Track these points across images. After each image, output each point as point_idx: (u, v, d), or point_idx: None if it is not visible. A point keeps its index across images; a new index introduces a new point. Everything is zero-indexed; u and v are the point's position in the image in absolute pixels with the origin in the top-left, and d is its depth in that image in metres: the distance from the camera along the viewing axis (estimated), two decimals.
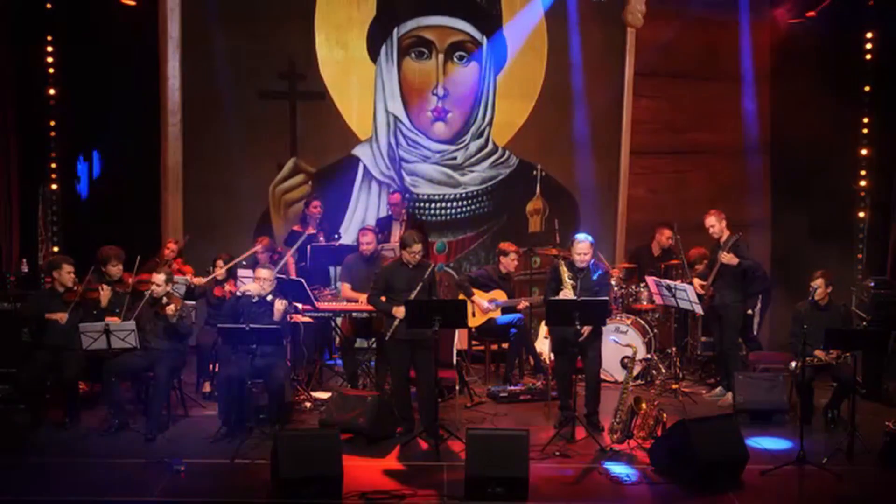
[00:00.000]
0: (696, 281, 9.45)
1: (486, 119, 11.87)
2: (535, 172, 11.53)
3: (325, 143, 11.58)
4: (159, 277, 8.65)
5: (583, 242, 8.56)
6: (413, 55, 11.76)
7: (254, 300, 8.61)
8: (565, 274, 8.50)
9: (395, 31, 11.71)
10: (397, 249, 10.26)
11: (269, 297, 8.59)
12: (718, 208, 9.48)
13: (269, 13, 11.33)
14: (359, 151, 11.70)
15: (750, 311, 9.91)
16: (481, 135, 11.88)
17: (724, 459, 7.45)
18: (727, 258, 9.13)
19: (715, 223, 9.34)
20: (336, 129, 11.56)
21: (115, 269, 9.10)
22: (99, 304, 8.72)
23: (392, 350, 8.46)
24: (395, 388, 8.56)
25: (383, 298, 8.44)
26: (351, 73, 11.65)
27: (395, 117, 11.64)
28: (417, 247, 8.37)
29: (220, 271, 9.58)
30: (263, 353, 8.30)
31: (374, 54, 11.70)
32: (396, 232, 10.76)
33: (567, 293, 8.43)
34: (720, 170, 11.74)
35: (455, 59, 11.79)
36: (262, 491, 7.24)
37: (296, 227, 10.86)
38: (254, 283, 8.71)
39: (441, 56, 11.75)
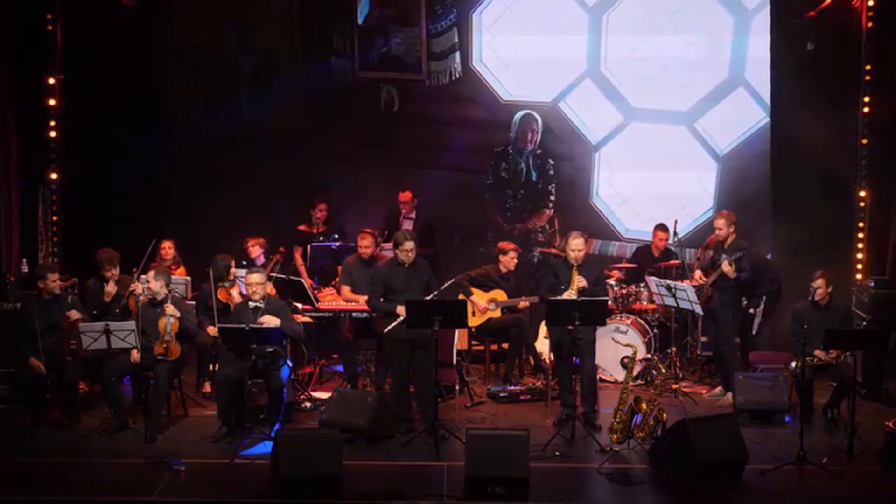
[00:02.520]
0: (697, 272, 9.46)
1: None
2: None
3: None
4: (150, 275, 8.64)
5: (578, 238, 8.60)
6: None
7: (250, 306, 8.58)
8: (575, 275, 8.50)
9: None
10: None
11: (261, 304, 8.55)
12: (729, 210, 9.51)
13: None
14: None
15: (752, 311, 9.91)
16: None
17: (724, 459, 7.45)
18: (727, 270, 9.14)
19: (723, 226, 9.37)
20: None
21: (111, 274, 9.09)
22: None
23: (392, 350, 8.46)
24: (395, 388, 8.56)
25: (382, 300, 8.44)
26: None
27: None
28: (409, 244, 8.35)
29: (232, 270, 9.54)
30: (260, 352, 8.29)
31: None
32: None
33: (571, 294, 8.43)
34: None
35: None
36: (262, 491, 7.24)
37: (302, 227, 10.87)
38: (247, 288, 8.68)
39: None
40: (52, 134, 10.74)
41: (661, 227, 10.85)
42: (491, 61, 11.86)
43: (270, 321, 8.40)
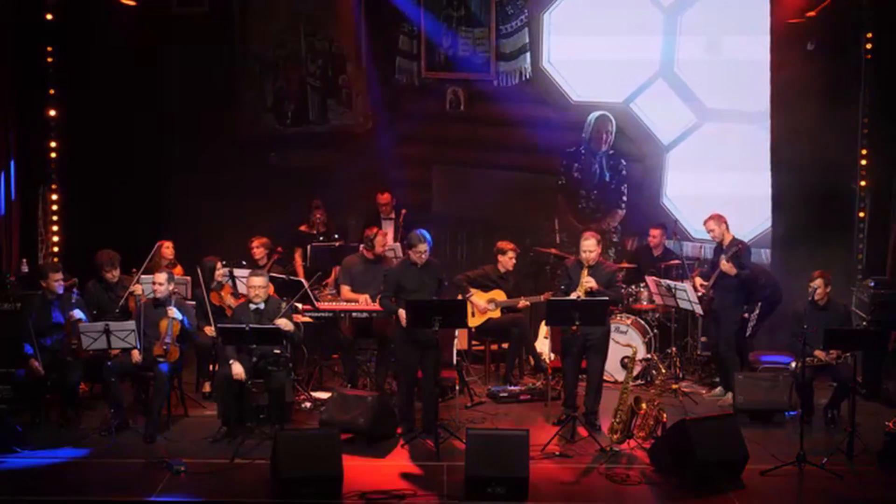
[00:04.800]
0: (698, 280, 9.47)
1: None
2: None
3: None
4: (161, 276, 8.64)
5: (589, 239, 8.59)
6: None
7: (251, 308, 8.57)
8: (584, 276, 8.50)
9: None
10: (397, 249, 10.28)
11: (262, 306, 8.55)
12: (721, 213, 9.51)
13: None
14: None
15: (746, 315, 9.92)
16: None
17: (723, 459, 7.45)
18: (726, 267, 9.15)
19: (714, 227, 9.39)
20: None
21: (111, 275, 9.09)
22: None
23: (402, 352, 8.46)
24: (403, 390, 8.54)
25: (393, 301, 8.44)
26: None
27: None
28: (423, 246, 8.36)
29: (219, 273, 9.50)
30: (264, 353, 8.29)
31: None
32: (388, 231, 10.75)
33: (578, 295, 8.42)
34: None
35: None
36: (262, 491, 7.25)
37: (302, 228, 10.87)
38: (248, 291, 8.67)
39: None
40: (52, 133, 10.74)
41: (655, 225, 10.85)
42: (561, 62, 11.82)
43: (286, 325, 8.40)
